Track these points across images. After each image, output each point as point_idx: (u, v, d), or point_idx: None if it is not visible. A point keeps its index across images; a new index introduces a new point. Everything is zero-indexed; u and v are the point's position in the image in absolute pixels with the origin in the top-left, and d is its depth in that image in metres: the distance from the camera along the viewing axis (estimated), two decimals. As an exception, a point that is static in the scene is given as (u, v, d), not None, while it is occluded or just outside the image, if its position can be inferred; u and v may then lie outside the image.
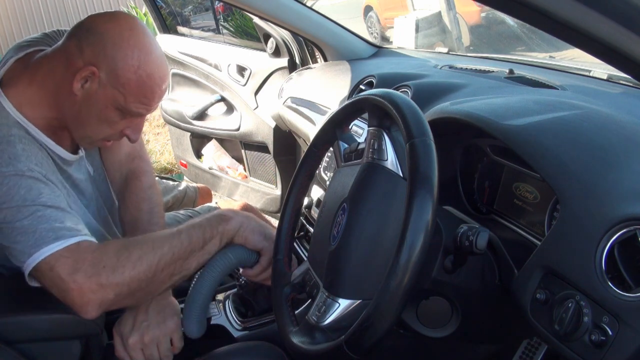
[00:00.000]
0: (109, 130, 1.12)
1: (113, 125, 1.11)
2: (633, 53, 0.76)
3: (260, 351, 1.16)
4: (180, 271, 1.07)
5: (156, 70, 1.07)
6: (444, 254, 0.89)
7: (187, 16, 4.25)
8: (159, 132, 4.81)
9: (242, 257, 1.13)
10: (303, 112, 1.86)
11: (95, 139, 1.14)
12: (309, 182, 1.13)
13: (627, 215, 0.76)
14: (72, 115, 1.09)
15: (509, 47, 3.43)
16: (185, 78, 2.70)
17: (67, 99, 1.07)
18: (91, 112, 1.08)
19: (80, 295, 0.98)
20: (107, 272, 0.99)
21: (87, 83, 1.04)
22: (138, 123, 1.14)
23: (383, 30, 5.83)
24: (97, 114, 1.08)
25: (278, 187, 2.46)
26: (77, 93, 1.05)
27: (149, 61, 1.05)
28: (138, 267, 1.01)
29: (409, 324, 0.95)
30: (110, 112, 1.08)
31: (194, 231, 1.08)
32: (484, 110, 1.05)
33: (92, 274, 0.98)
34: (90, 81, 1.04)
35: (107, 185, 1.33)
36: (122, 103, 1.06)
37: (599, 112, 1.02)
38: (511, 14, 0.89)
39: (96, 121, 1.09)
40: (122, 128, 1.12)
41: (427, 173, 0.77)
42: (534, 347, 1.08)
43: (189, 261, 1.07)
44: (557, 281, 0.83)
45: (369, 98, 0.94)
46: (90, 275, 0.98)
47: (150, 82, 1.06)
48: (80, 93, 1.05)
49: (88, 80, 1.04)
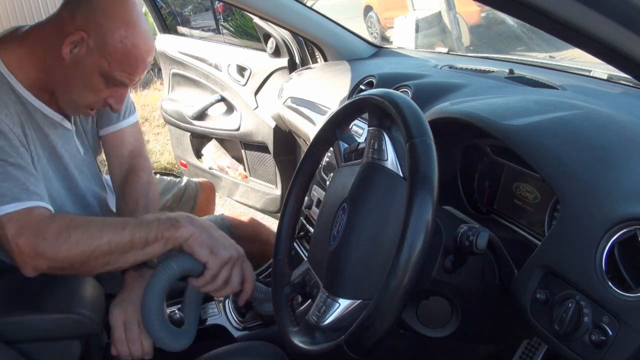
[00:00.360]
0: (93, 97, 1.16)
1: (97, 92, 1.16)
2: (633, 53, 0.76)
3: (260, 351, 1.16)
4: (115, 263, 1.08)
5: (142, 43, 1.12)
6: (444, 254, 0.89)
7: (187, 16, 4.25)
8: (159, 132, 4.81)
9: (187, 266, 1.09)
10: (303, 112, 1.86)
11: (79, 104, 1.18)
12: (309, 182, 1.13)
13: (627, 215, 0.76)
14: (59, 80, 1.14)
15: (509, 47, 3.43)
16: (185, 78, 2.70)
17: (55, 63, 1.12)
18: (77, 77, 1.13)
19: (20, 258, 1.03)
20: (45, 245, 1.03)
21: (75, 48, 1.10)
22: (121, 93, 1.19)
23: (383, 30, 5.84)
24: (82, 79, 1.13)
25: (278, 187, 2.46)
26: (66, 57, 1.10)
27: (135, 33, 1.11)
28: (73, 250, 1.04)
29: (409, 324, 0.95)
30: (95, 79, 1.13)
31: (139, 230, 1.07)
32: (484, 110, 1.05)
33: (32, 242, 1.02)
34: (79, 47, 1.10)
35: (96, 170, 1.37)
36: (106, 70, 1.11)
37: (599, 112, 1.02)
38: (511, 14, 0.88)
39: (81, 86, 1.14)
40: (105, 96, 1.17)
41: (427, 173, 0.77)
42: (534, 347, 1.08)
43: (126, 256, 1.08)
44: (557, 281, 0.83)
45: (369, 98, 0.94)
46: (30, 243, 1.02)
47: (135, 52, 1.12)
48: (69, 57, 1.10)
49: (77, 46, 1.10)
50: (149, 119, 5.15)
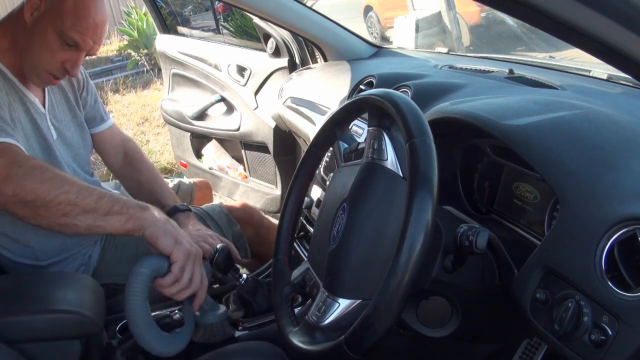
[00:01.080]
0: (50, 59, 1.25)
1: (54, 53, 1.25)
2: (633, 53, 0.76)
3: (260, 351, 1.16)
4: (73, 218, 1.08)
5: (93, 6, 1.23)
6: (444, 254, 0.89)
7: (187, 16, 4.25)
8: (159, 132, 4.81)
9: (154, 264, 1.07)
10: (303, 112, 1.86)
11: (39, 68, 1.27)
12: (309, 182, 1.13)
13: (627, 215, 0.76)
14: (23, 47, 1.26)
15: (509, 47, 3.43)
16: (185, 78, 2.70)
17: (22, 32, 1.25)
18: (36, 39, 1.24)
19: None
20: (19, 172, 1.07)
21: (35, 12, 1.23)
22: (77, 57, 1.28)
23: (383, 30, 5.84)
24: (40, 39, 1.24)
25: (278, 187, 2.46)
26: (28, 21, 1.23)
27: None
28: (41, 186, 1.06)
29: (409, 324, 0.95)
30: (50, 37, 1.23)
31: (106, 197, 1.09)
32: (484, 110, 1.05)
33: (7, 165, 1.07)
34: (37, 10, 1.23)
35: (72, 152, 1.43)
36: (60, 27, 1.22)
37: (599, 112, 1.02)
38: (511, 14, 0.88)
39: (39, 47, 1.24)
40: (62, 59, 1.26)
41: (427, 173, 0.77)
42: (534, 347, 1.08)
43: (86, 216, 1.08)
44: (557, 281, 0.83)
45: (369, 98, 0.94)
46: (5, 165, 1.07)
47: (85, 12, 1.23)
48: (30, 21, 1.23)
49: (36, 10, 1.23)
50: (149, 119, 5.15)
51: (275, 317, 1.02)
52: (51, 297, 1.12)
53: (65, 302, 1.11)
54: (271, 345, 1.16)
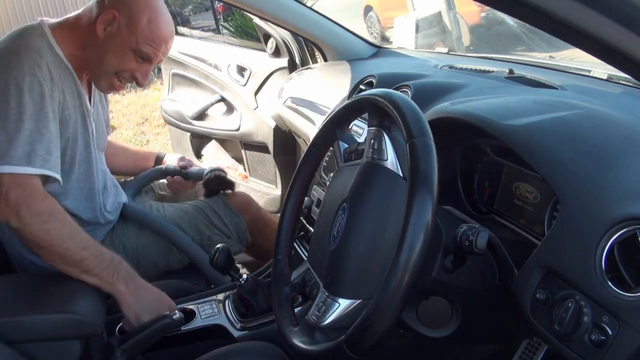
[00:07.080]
0: (122, 66, 1.33)
1: (126, 66, 1.33)
2: (633, 53, 0.76)
3: (260, 351, 1.16)
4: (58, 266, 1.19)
5: (163, 24, 1.32)
6: (444, 254, 0.89)
7: (187, 16, 4.25)
8: (159, 132, 4.80)
9: None
10: (303, 112, 1.86)
11: (109, 72, 1.34)
12: (309, 182, 1.13)
13: (627, 215, 0.76)
14: (93, 56, 1.32)
15: (509, 47, 3.42)
16: (185, 78, 2.70)
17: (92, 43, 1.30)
18: (109, 52, 1.31)
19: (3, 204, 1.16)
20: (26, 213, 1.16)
21: (108, 27, 1.29)
22: (147, 69, 1.37)
23: (383, 30, 5.83)
24: (114, 52, 1.31)
25: (278, 187, 2.46)
26: (100, 36, 1.29)
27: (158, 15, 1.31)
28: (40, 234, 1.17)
29: (409, 324, 0.95)
30: (125, 52, 1.31)
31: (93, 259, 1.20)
32: (484, 110, 1.05)
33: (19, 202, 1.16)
34: (111, 25, 1.28)
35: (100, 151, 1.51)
36: (134, 43, 1.29)
37: (598, 112, 1.02)
38: (511, 14, 0.88)
39: (112, 59, 1.32)
40: (133, 69, 1.35)
41: (427, 173, 0.77)
42: (534, 347, 1.08)
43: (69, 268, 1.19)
44: (557, 281, 0.83)
45: (369, 98, 0.94)
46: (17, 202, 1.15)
47: (157, 31, 1.31)
48: (103, 35, 1.29)
49: (110, 25, 1.28)
50: (149, 119, 5.15)
51: (275, 317, 1.02)
52: (51, 297, 1.12)
53: (65, 302, 1.11)
54: (271, 345, 1.16)
